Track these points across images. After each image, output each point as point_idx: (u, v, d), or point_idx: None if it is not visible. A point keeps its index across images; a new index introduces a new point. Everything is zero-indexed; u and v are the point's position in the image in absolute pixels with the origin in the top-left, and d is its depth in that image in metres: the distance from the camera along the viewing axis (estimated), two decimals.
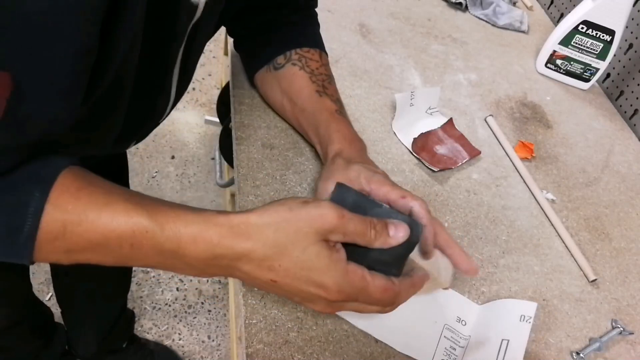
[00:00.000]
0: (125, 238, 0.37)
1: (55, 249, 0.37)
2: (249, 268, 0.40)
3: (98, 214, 0.37)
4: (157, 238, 0.38)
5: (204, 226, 0.39)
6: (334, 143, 0.58)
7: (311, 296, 0.41)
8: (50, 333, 1.09)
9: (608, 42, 0.88)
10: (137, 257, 0.39)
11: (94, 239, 0.37)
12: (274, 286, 0.41)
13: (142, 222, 0.37)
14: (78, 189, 0.37)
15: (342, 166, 0.53)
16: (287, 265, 0.40)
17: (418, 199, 0.49)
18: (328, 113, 0.61)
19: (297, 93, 0.63)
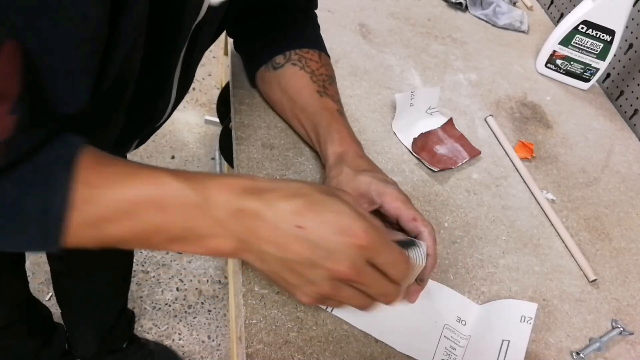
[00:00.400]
0: (154, 200, 0.37)
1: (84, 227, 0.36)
2: (274, 215, 0.38)
3: (124, 182, 0.36)
4: (184, 191, 0.37)
5: (229, 178, 0.39)
6: (334, 144, 0.58)
7: (337, 244, 0.39)
8: (50, 333, 1.09)
9: (608, 42, 0.88)
10: (163, 223, 0.37)
11: (122, 207, 0.36)
12: (297, 238, 0.39)
13: (169, 181, 0.37)
14: (99, 163, 0.37)
15: (351, 177, 0.53)
16: (314, 208, 0.39)
17: (428, 225, 0.50)
18: (329, 113, 0.61)
19: (297, 92, 0.63)
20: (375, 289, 0.42)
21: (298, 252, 0.39)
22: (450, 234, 0.63)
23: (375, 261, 0.41)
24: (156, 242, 0.39)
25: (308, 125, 0.62)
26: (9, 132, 0.31)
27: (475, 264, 0.61)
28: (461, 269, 0.60)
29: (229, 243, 0.39)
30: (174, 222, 0.38)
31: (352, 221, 0.39)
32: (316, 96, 0.62)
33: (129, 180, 0.37)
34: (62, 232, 0.35)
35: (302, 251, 0.39)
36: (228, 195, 0.38)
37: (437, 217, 0.65)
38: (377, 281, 0.41)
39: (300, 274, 0.40)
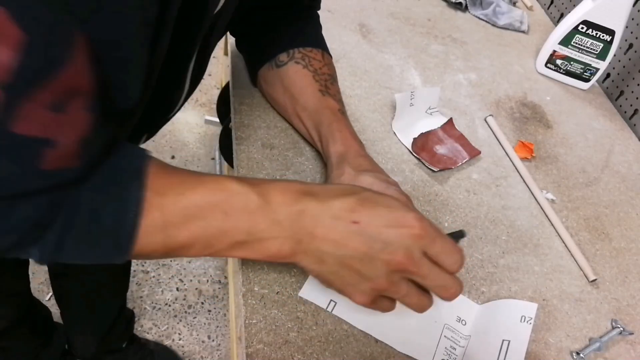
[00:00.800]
0: (219, 205, 0.38)
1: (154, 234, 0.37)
2: (331, 214, 0.40)
3: (192, 189, 0.38)
4: (248, 195, 0.39)
5: (286, 183, 0.42)
6: (336, 143, 0.58)
7: (393, 237, 0.40)
8: (50, 333, 1.09)
9: (608, 42, 0.88)
10: (228, 227, 0.39)
11: (190, 213, 0.37)
12: (353, 234, 0.40)
13: (233, 186, 0.39)
14: (167, 173, 0.38)
15: (352, 177, 0.54)
16: (368, 204, 0.40)
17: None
18: (330, 112, 0.61)
19: (299, 91, 0.63)
20: (433, 280, 0.42)
21: (355, 248, 0.40)
22: None
23: (430, 251, 0.41)
24: (219, 247, 0.40)
25: (309, 124, 0.62)
26: (84, 130, 0.31)
27: (475, 264, 0.61)
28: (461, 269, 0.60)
29: (287, 245, 0.41)
30: (237, 225, 0.39)
31: (405, 212, 0.41)
32: (318, 95, 0.62)
33: (195, 187, 0.38)
34: (134, 241, 0.36)
35: (358, 246, 0.40)
36: (288, 198, 0.40)
37: (437, 217, 0.65)
38: (434, 271, 0.42)
39: (357, 270, 0.41)
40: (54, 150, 0.30)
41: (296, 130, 0.67)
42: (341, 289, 0.43)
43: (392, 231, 0.40)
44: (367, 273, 0.41)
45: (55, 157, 0.30)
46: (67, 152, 0.31)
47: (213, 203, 0.38)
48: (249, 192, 0.39)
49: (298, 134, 0.67)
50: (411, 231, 0.40)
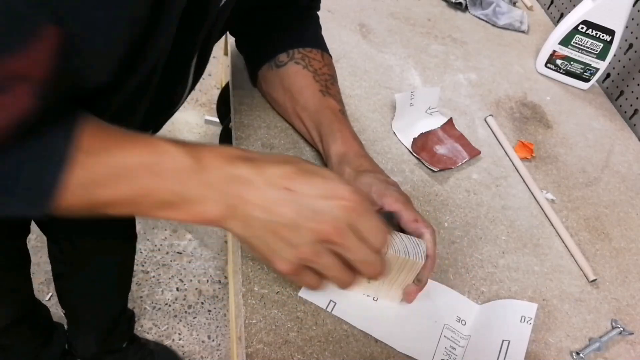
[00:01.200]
0: (147, 165, 0.37)
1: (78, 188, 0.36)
2: (264, 180, 0.39)
3: (121, 147, 0.37)
4: (179, 156, 0.38)
5: (223, 148, 0.41)
6: (336, 143, 0.58)
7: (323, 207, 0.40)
8: (50, 333, 1.09)
9: (608, 42, 0.88)
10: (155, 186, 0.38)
11: (116, 171, 0.37)
12: (284, 200, 0.39)
13: (163, 145, 0.38)
14: (98, 130, 0.37)
15: (352, 177, 0.54)
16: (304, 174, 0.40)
17: (429, 226, 0.51)
18: (331, 112, 0.61)
19: (299, 91, 0.63)
20: (356, 253, 0.41)
21: (284, 214, 0.39)
22: (450, 234, 0.63)
23: (357, 226, 0.41)
24: (145, 207, 0.39)
25: (310, 124, 0.62)
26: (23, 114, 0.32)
27: (475, 264, 0.61)
28: (461, 269, 0.60)
29: (216, 208, 0.40)
30: (166, 185, 0.38)
31: (339, 185, 0.40)
32: (319, 95, 0.62)
33: (125, 146, 0.37)
34: (55, 194, 0.35)
35: (287, 212, 0.39)
36: (223, 162, 0.39)
37: (437, 217, 0.65)
38: (359, 245, 0.41)
39: (282, 237, 0.40)
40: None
41: (296, 130, 0.67)
42: (265, 256, 0.42)
43: (323, 201, 0.40)
44: (292, 240, 0.40)
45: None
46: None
47: (142, 162, 0.37)
48: (181, 153, 0.38)
49: (298, 134, 0.67)
50: (342, 202, 0.40)
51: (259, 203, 0.40)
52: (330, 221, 0.40)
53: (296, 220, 0.40)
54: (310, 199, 0.40)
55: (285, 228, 0.40)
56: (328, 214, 0.40)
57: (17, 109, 0.31)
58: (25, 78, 0.30)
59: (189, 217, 0.40)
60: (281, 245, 0.41)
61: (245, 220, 0.40)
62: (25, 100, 0.31)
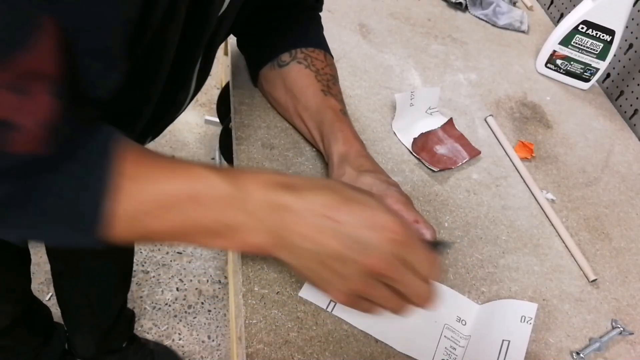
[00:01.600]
0: (190, 194, 0.37)
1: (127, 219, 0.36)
2: (307, 208, 0.38)
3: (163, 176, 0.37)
4: (219, 184, 0.38)
5: (264, 173, 0.40)
6: (338, 143, 0.58)
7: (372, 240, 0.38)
8: (50, 332, 1.09)
9: (608, 42, 0.88)
10: (197, 216, 0.38)
11: (162, 200, 0.36)
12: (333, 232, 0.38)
13: (203, 173, 0.38)
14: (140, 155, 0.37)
15: (353, 177, 0.54)
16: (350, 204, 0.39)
17: (430, 227, 0.50)
18: (333, 112, 0.61)
19: (301, 91, 0.63)
20: (409, 286, 0.41)
21: (332, 246, 0.39)
22: (450, 234, 0.63)
23: (408, 258, 0.40)
24: (195, 236, 0.39)
25: (311, 124, 0.62)
26: (49, 114, 0.31)
27: (475, 264, 0.61)
28: (461, 269, 0.60)
29: (264, 237, 0.39)
30: (211, 215, 0.38)
31: (387, 216, 0.39)
32: (320, 95, 0.62)
33: (168, 174, 0.37)
34: (106, 226, 0.35)
35: (335, 245, 0.39)
36: (264, 190, 0.39)
37: (437, 217, 0.65)
38: (410, 278, 0.40)
39: (333, 269, 0.40)
40: (20, 134, 0.30)
41: (297, 130, 0.67)
42: (319, 285, 0.42)
43: (368, 232, 0.39)
44: (343, 272, 0.40)
45: (21, 141, 0.30)
46: (33, 137, 0.31)
47: (187, 192, 0.37)
48: (222, 181, 0.38)
49: (298, 134, 0.67)
50: (391, 236, 0.39)
51: (304, 232, 0.39)
52: (378, 255, 0.39)
53: (343, 252, 0.39)
54: (355, 229, 0.38)
55: (333, 260, 0.39)
56: (377, 247, 0.39)
57: (42, 110, 0.31)
58: (39, 75, 0.30)
59: (237, 246, 0.40)
60: (332, 277, 0.40)
61: (293, 250, 0.40)
62: (46, 100, 0.31)
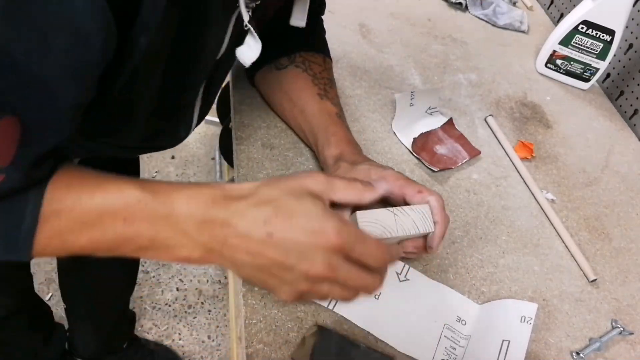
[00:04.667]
0: (119, 212, 0.38)
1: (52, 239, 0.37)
2: (243, 225, 0.38)
3: (91, 195, 0.38)
4: (150, 205, 0.38)
5: (197, 189, 0.40)
6: (331, 147, 0.58)
7: (309, 247, 0.38)
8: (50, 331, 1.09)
9: (608, 42, 0.88)
10: (130, 234, 0.38)
11: (88, 220, 0.37)
12: (267, 245, 0.38)
13: (134, 194, 0.38)
14: (70, 178, 0.38)
15: (348, 169, 0.54)
16: (283, 214, 0.39)
17: (434, 193, 0.50)
18: (327, 116, 0.61)
19: (298, 94, 0.63)
20: (353, 282, 0.41)
21: (271, 258, 0.39)
22: (450, 234, 0.63)
23: (351, 256, 0.40)
24: (124, 251, 0.39)
25: (307, 127, 0.63)
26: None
27: (475, 264, 0.61)
28: (461, 269, 0.60)
29: (197, 252, 0.39)
30: (140, 232, 0.38)
31: (322, 222, 0.39)
32: (316, 99, 0.62)
33: (94, 192, 0.38)
34: (30, 244, 0.37)
35: (275, 257, 0.39)
36: (195, 207, 0.38)
37: None
38: (354, 275, 0.41)
39: (275, 276, 0.40)
40: None
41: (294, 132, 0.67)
42: (264, 288, 0.42)
43: (308, 242, 0.38)
44: (286, 278, 0.40)
45: None
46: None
47: (112, 210, 0.37)
48: (151, 200, 0.38)
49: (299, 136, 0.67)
50: (328, 243, 0.38)
51: (243, 247, 0.39)
52: (320, 261, 0.39)
53: (285, 262, 0.39)
54: (293, 241, 0.38)
55: (277, 269, 0.39)
56: (316, 254, 0.39)
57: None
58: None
59: (173, 259, 0.40)
60: (275, 282, 0.40)
61: (233, 262, 0.40)
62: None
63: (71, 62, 0.31)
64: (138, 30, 0.34)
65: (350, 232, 0.40)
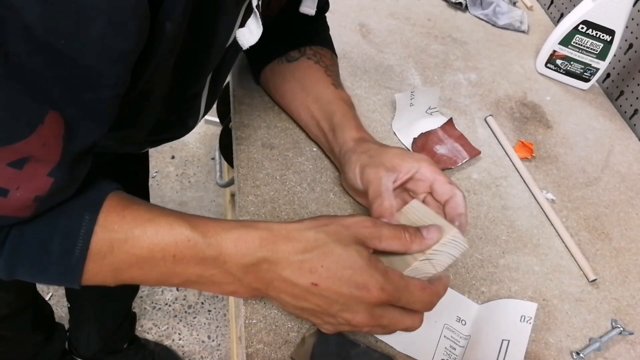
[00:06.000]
0: (169, 250, 0.39)
1: (103, 268, 0.38)
2: (289, 272, 0.40)
3: (143, 230, 0.39)
4: (199, 245, 0.39)
5: (245, 230, 0.40)
6: (352, 130, 0.59)
7: (352, 300, 0.40)
8: (51, 330, 1.09)
9: (608, 42, 0.88)
10: (179, 270, 0.40)
11: (139, 254, 0.38)
12: (312, 293, 0.40)
13: (184, 232, 0.39)
14: (123, 208, 0.39)
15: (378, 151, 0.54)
16: (329, 264, 0.40)
17: (460, 188, 0.51)
18: (344, 102, 0.62)
19: (312, 84, 0.64)
20: (396, 327, 0.43)
21: (315, 304, 0.41)
22: None
23: (397, 305, 0.42)
24: (173, 283, 0.41)
25: (320, 114, 0.63)
26: (44, 191, 0.34)
27: (475, 264, 0.61)
28: (461, 269, 0.60)
29: (243, 290, 0.42)
30: (188, 269, 0.40)
31: (366, 277, 0.40)
32: (332, 87, 0.64)
33: (147, 227, 0.39)
34: (80, 271, 0.37)
35: (319, 303, 0.41)
36: (243, 250, 0.40)
37: None
38: (396, 321, 0.42)
39: (319, 317, 0.42)
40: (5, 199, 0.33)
41: (298, 123, 0.67)
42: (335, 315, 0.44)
43: (351, 295, 0.40)
44: (329, 321, 0.42)
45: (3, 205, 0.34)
46: (18, 205, 0.34)
47: (162, 246, 0.39)
48: (200, 242, 0.39)
49: (298, 134, 0.67)
50: (371, 299, 0.40)
51: (288, 291, 0.41)
52: (363, 313, 0.40)
53: (328, 310, 0.41)
54: (337, 293, 0.40)
55: (320, 313, 0.42)
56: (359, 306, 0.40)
57: (37, 184, 0.34)
58: (37, 159, 0.33)
59: (220, 293, 0.43)
60: (320, 322, 0.43)
61: (279, 300, 0.42)
62: (40, 179, 0.34)
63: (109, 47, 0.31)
64: (164, 16, 0.34)
65: (394, 284, 0.41)
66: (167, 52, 0.38)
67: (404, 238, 0.43)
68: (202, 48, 0.44)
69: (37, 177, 0.34)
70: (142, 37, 0.33)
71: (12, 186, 0.33)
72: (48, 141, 0.33)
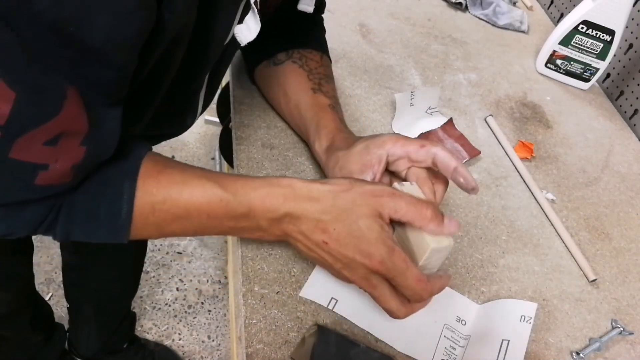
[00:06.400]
0: (203, 209, 0.44)
1: (147, 226, 0.44)
2: (306, 227, 0.45)
3: (179, 192, 0.43)
4: (231, 204, 0.44)
5: (270, 189, 0.45)
6: (321, 140, 0.59)
7: (354, 263, 0.44)
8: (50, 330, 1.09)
9: (608, 42, 0.88)
10: (214, 224, 0.45)
11: (177, 212, 0.44)
12: (322, 249, 0.45)
13: (217, 193, 0.44)
14: (158, 172, 0.44)
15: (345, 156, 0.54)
16: (340, 230, 0.44)
17: (436, 144, 0.51)
18: (319, 108, 0.61)
19: (293, 89, 0.64)
20: (383, 303, 0.46)
21: (322, 257, 0.46)
22: None
23: (392, 282, 0.45)
24: (208, 233, 0.47)
25: (300, 122, 0.63)
26: (79, 160, 0.38)
27: (475, 264, 0.61)
28: (461, 269, 0.60)
29: (269, 237, 0.48)
30: (222, 224, 0.45)
31: (372, 249, 0.43)
32: (310, 93, 0.63)
33: (182, 189, 0.44)
34: (127, 229, 0.43)
35: (325, 258, 0.46)
36: (269, 205, 0.45)
37: None
38: (386, 297, 0.45)
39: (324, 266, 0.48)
40: (47, 172, 0.37)
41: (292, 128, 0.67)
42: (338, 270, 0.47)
43: (354, 258, 0.44)
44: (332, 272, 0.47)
45: (46, 177, 0.37)
46: (59, 174, 0.38)
47: (197, 206, 0.44)
48: (231, 199, 0.44)
49: (298, 134, 0.67)
50: (370, 266, 0.43)
51: (303, 242, 0.46)
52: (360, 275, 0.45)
53: (333, 265, 0.46)
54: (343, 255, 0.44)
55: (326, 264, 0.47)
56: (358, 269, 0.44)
57: (72, 155, 0.37)
58: (69, 132, 0.36)
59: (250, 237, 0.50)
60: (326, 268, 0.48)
61: (296, 247, 0.48)
62: (74, 150, 0.37)
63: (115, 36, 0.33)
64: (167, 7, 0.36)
65: (394, 263, 0.43)
66: (170, 41, 0.39)
67: (424, 213, 0.44)
68: (203, 45, 0.45)
69: (72, 149, 0.37)
70: (147, 27, 0.35)
71: (51, 161, 0.36)
72: (75, 114, 0.35)
